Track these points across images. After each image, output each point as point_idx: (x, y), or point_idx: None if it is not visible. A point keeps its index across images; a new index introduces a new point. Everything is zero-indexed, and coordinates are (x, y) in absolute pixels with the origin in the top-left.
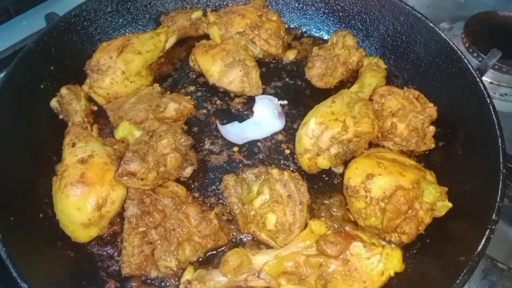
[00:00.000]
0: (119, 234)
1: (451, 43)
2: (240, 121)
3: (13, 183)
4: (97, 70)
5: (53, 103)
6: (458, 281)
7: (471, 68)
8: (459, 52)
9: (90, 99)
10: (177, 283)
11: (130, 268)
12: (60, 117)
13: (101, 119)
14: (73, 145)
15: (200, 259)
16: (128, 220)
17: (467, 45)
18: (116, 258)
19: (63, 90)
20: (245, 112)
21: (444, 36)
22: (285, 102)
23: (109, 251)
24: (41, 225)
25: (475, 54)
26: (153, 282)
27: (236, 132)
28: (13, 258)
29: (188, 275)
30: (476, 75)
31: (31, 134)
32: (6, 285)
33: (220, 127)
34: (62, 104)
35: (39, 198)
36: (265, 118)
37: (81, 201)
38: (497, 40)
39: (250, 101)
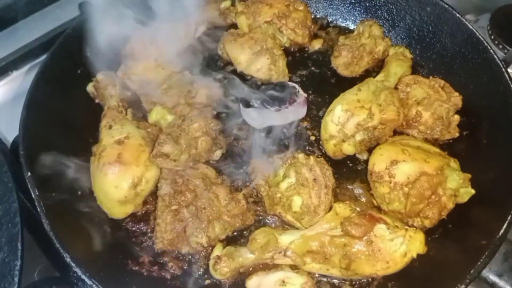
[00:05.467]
0: (152, 212)
1: (477, 34)
2: None
3: (53, 163)
4: (131, 57)
5: (90, 88)
6: (479, 263)
7: (497, 59)
8: (485, 42)
9: (124, 85)
10: (206, 259)
11: (162, 244)
12: (96, 101)
13: (134, 104)
14: (110, 127)
15: (229, 237)
16: (161, 199)
17: (492, 37)
18: (149, 234)
19: (99, 76)
20: None
21: (471, 27)
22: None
23: (142, 228)
24: (79, 201)
25: (500, 46)
26: (184, 257)
27: (257, 117)
28: (56, 231)
29: (217, 251)
30: (501, 66)
31: (68, 118)
32: (50, 255)
33: (243, 110)
34: (98, 89)
35: (78, 177)
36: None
37: (118, 180)
38: None
39: None
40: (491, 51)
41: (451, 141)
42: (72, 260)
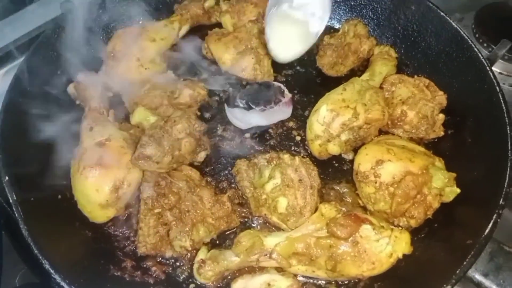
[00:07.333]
0: (134, 215)
1: (462, 32)
2: None
3: (32, 166)
4: (112, 57)
5: (70, 89)
6: (465, 263)
7: (481, 57)
8: (469, 41)
9: (105, 86)
10: (190, 263)
11: (145, 248)
12: (77, 102)
13: (116, 105)
14: (91, 129)
15: (213, 240)
16: (144, 202)
17: (477, 35)
18: (132, 238)
19: (80, 76)
20: None
21: (455, 26)
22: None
23: (125, 232)
24: (59, 206)
25: (485, 45)
26: (167, 261)
27: (242, 117)
28: (34, 237)
29: (202, 255)
30: (486, 64)
31: (48, 120)
32: (29, 262)
33: (228, 110)
34: (79, 89)
35: (57, 180)
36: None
37: (99, 183)
38: (507, 30)
39: None
40: (476, 49)
41: (436, 140)
42: (51, 267)
